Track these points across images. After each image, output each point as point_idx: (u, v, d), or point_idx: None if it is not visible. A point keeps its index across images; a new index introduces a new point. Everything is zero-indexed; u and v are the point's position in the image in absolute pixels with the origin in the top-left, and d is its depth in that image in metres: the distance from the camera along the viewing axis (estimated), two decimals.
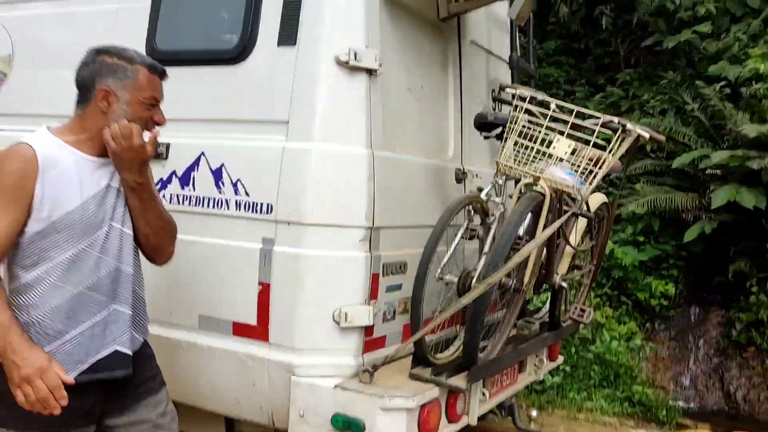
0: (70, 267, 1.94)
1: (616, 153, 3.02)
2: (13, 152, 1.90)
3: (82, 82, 2.00)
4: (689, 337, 6.30)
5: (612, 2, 7.97)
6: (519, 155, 3.05)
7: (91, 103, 1.98)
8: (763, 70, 6.43)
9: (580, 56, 8.35)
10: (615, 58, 8.03)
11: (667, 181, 6.74)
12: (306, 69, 2.87)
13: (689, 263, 6.59)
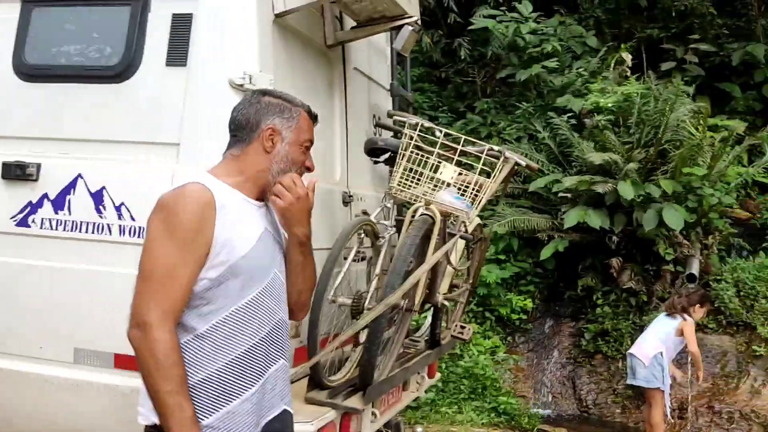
0: (245, 316, 1.80)
1: (497, 179, 3.23)
2: (190, 194, 1.74)
3: (245, 121, 1.89)
4: (545, 349, 6.77)
5: (469, 35, 8.46)
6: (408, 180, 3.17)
7: (253, 143, 1.88)
8: (602, 104, 7.13)
9: (442, 84, 8.78)
10: (473, 86, 8.52)
11: (524, 203, 7.24)
12: (198, 91, 2.81)
13: (544, 279, 7.10)
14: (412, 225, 3.00)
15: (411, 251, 2.88)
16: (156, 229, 1.73)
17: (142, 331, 1.67)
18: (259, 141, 1.88)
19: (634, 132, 6.97)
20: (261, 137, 1.88)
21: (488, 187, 3.18)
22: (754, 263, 6.69)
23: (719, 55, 9.02)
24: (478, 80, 8.45)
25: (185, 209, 1.72)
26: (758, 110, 9.11)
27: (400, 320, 3.27)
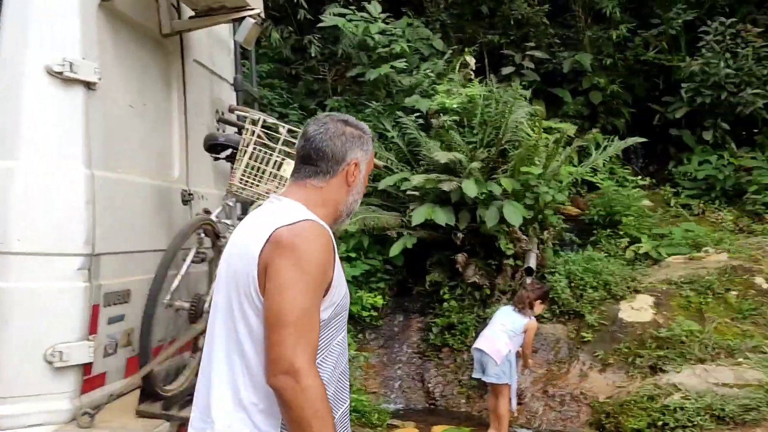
0: (338, 352, 1.80)
1: None
2: (316, 235, 1.72)
3: (331, 154, 1.84)
4: (395, 344, 6.89)
5: (320, 33, 8.43)
6: (250, 177, 3.06)
7: (337, 175, 1.85)
8: (448, 105, 7.38)
9: (292, 81, 8.68)
10: (324, 84, 8.50)
11: (374, 201, 7.32)
12: (9, 79, 2.54)
13: (394, 276, 7.23)
14: None
15: None
16: (290, 273, 1.67)
17: (293, 378, 1.62)
18: (343, 174, 1.87)
19: (478, 132, 7.27)
20: (345, 171, 1.87)
21: None
22: (583, 256, 7.21)
23: (552, 62, 9.68)
24: (329, 78, 8.44)
25: (315, 251, 1.70)
26: (586, 114, 9.89)
27: None
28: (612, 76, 9.96)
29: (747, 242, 7.51)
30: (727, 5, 9.96)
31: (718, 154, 9.32)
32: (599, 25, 10.18)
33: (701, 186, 9.21)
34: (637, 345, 6.20)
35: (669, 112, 9.91)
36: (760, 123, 9.42)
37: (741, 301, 6.44)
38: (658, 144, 10.45)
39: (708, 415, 5.11)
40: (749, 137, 9.58)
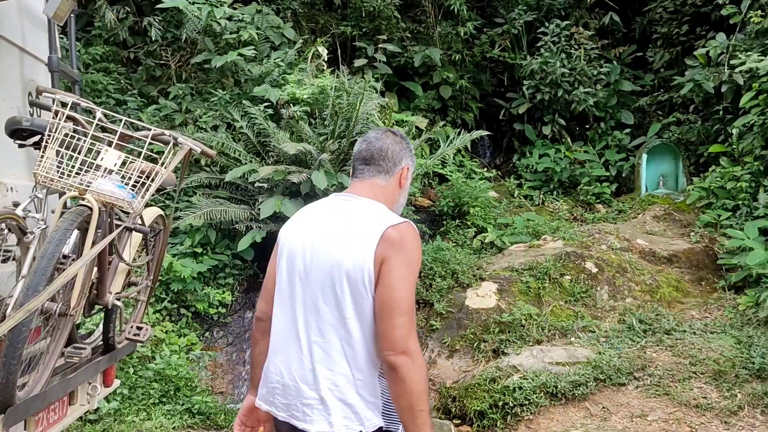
0: None
1: (169, 166, 2.99)
2: (415, 235, 2.08)
3: (391, 156, 2.20)
4: (245, 341, 6.68)
5: (161, 15, 7.98)
6: (63, 166, 2.78)
7: (394, 176, 2.21)
8: (299, 95, 7.26)
9: (132, 66, 8.15)
10: (166, 71, 8.06)
11: (222, 194, 7.05)
12: None
13: (244, 271, 7.00)
14: (62, 218, 2.63)
15: (59, 247, 2.51)
16: (403, 268, 1.99)
17: (410, 358, 1.95)
18: (398, 176, 2.23)
19: (329, 124, 7.21)
20: (400, 173, 2.24)
21: (158, 174, 2.94)
22: (433, 245, 7.39)
23: (404, 56, 9.83)
24: (172, 64, 8.01)
25: (417, 249, 2.09)
26: (437, 108, 10.16)
27: (54, 327, 2.87)
28: (461, 71, 10.30)
29: (580, 230, 8.05)
30: (562, 8, 10.62)
31: (556, 148, 9.93)
32: (448, 21, 10.48)
33: (541, 178, 9.77)
34: (481, 330, 6.44)
35: (513, 107, 10.44)
36: (591, 119, 10.14)
37: (574, 284, 6.88)
38: (504, 138, 10.99)
39: (543, 392, 5.40)
40: (582, 132, 10.29)
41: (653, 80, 10.41)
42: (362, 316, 2.01)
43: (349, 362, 2.01)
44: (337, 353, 2.01)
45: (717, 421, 5.05)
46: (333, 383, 2.01)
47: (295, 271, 2.13)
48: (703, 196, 8.06)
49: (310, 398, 2.02)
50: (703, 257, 7.52)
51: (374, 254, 1.98)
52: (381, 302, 1.97)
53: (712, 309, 6.70)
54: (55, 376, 2.97)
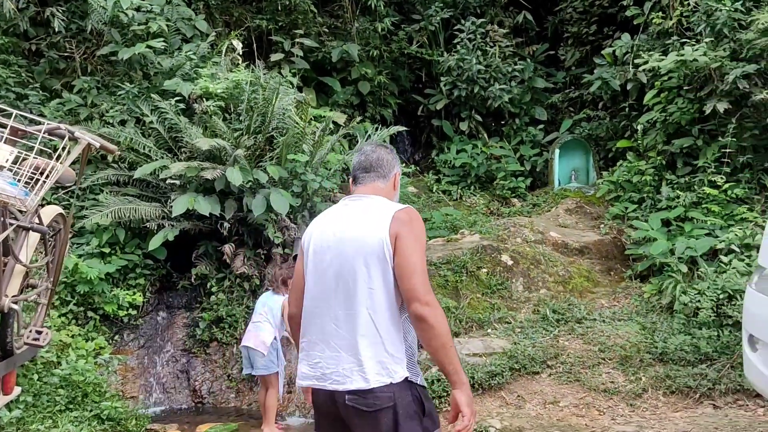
0: None
1: (65, 161, 2.85)
2: (418, 214, 2.59)
3: (387, 163, 2.73)
4: (158, 343, 6.48)
5: (65, 6, 7.60)
6: None
7: (390, 180, 2.73)
8: (212, 90, 7.08)
9: (33, 58, 7.72)
10: (71, 63, 7.68)
11: (131, 191, 6.80)
12: None
13: (156, 270, 6.78)
14: None
15: None
16: (413, 240, 2.47)
17: (432, 308, 2.39)
18: (392, 180, 2.73)
19: (244, 119, 7.06)
20: (394, 177, 2.74)
21: (53, 170, 2.79)
22: None
23: (322, 51, 9.77)
24: (77, 56, 7.63)
25: (422, 225, 2.57)
26: (356, 104, 10.15)
27: None
28: (379, 67, 10.33)
29: (496, 224, 8.23)
30: (478, 6, 10.83)
31: (473, 144, 10.12)
32: (366, 17, 10.49)
33: (459, 173, 9.94)
34: None
35: (431, 103, 10.56)
36: (506, 116, 10.39)
37: (490, 277, 7.04)
38: (422, 134, 11.11)
39: None
40: (498, 128, 10.53)
41: (565, 78, 10.77)
42: (386, 284, 2.45)
43: (376, 327, 2.44)
44: (365, 321, 2.45)
45: (623, 404, 5.28)
46: (365, 346, 2.43)
47: (324, 262, 2.55)
48: (612, 189, 8.40)
49: (349, 362, 2.44)
50: (612, 248, 7.84)
51: (389, 231, 2.45)
52: (400, 267, 2.42)
53: (620, 297, 7.00)
54: None
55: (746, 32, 7.09)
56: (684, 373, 5.39)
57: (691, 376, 5.36)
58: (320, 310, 2.55)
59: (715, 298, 5.82)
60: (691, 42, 7.64)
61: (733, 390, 5.22)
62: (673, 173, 7.82)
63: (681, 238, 6.79)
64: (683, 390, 5.31)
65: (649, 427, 4.86)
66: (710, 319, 5.77)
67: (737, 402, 5.16)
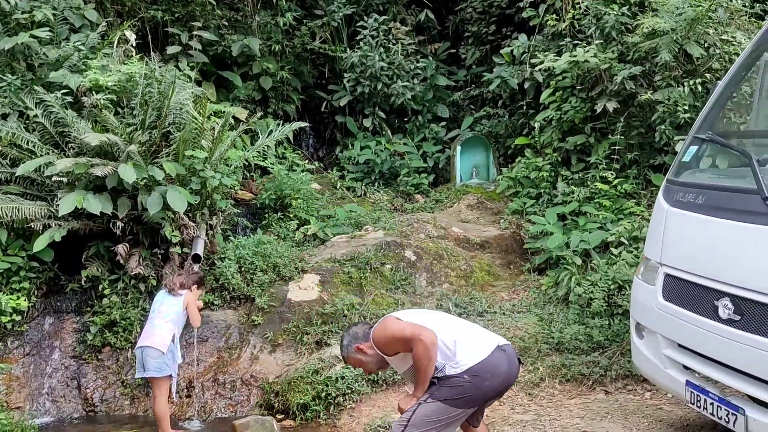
0: None
1: None
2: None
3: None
4: (45, 350, 6.11)
5: None
6: None
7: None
8: (103, 82, 6.73)
9: None
10: None
11: (13, 189, 6.36)
12: None
13: (42, 273, 6.38)
14: None
15: None
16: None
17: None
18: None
19: (138, 113, 6.76)
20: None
21: None
22: (254, 240, 7.22)
23: (221, 45, 9.51)
24: None
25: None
26: (258, 99, 9.95)
27: None
28: (282, 62, 10.17)
29: (400, 220, 8.29)
30: (380, 4, 10.87)
31: (377, 140, 10.15)
32: (267, 11, 10.30)
33: (363, 169, 9.94)
34: (304, 323, 6.41)
35: (335, 99, 10.51)
36: (409, 112, 10.49)
37: (394, 273, 7.08)
38: (326, 130, 11.03)
39: (364, 381, 5.49)
40: (401, 125, 10.61)
41: (466, 76, 10.99)
42: None
43: None
44: None
45: (522, 394, 5.45)
46: None
47: None
48: (511, 185, 8.65)
49: None
50: (511, 242, 8.07)
51: None
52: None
53: (519, 290, 7.22)
54: None
55: (632, 35, 7.46)
56: (578, 362, 5.62)
57: (585, 364, 5.59)
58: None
59: (606, 288, 6.10)
60: (582, 44, 7.97)
61: (623, 376, 5.48)
62: (568, 169, 8.13)
63: (575, 232, 7.08)
64: (578, 378, 5.53)
65: (546, 415, 5.03)
66: (602, 309, 6.05)
67: (626, 387, 5.43)
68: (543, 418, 4.97)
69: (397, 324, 3.70)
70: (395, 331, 3.66)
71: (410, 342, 3.56)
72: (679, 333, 3.95)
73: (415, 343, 3.54)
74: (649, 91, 7.27)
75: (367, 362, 3.82)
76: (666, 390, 4.51)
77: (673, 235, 4.12)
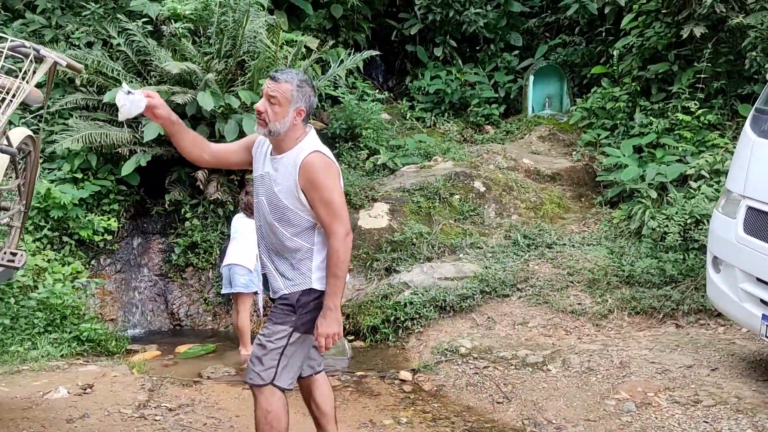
0: None
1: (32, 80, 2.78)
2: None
3: None
4: (134, 268, 6.51)
5: None
6: None
7: None
8: (180, 11, 6.86)
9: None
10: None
11: (101, 116, 6.66)
12: None
13: (129, 196, 6.74)
14: None
15: None
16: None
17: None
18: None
19: (214, 42, 6.89)
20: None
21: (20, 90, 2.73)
22: None
23: None
24: None
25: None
26: (329, 28, 9.91)
27: None
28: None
29: (469, 150, 8.26)
30: None
31: (447, 70, 10.01)
32: None
33: (433, 100, 9.87)
34: (374, 250, 6.58)
35: (405, 28, 10.35)
36: (481, 41, 10.26)
37: (463, 203, 7.12)
38: (396, 59, 10.93)
39: (432, 306, 5.64)
40: (473, 54, 10.40)
41: (541, 1, 10.59)
42: None
43: None
44: None
45: (590, 324, 5.48)
46: None
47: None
48: (585, 116, 8.44)
49: None
50: (583, 175, 7.95)
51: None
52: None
53: (590, 223, 7.15)
54: None
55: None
56: (649, 295, 5.58)
57: (655, 297, 5.55)
58: None
59: (682, 222, 5.97)
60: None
61: (696, 310, 5.43)
62: (647, 99, 7.85)
63: (652, 165, 6.90)
64: (647, 311, 5.51)
65: (614, 346, 5.07)
66: (677, 243, 5.94)
67: (699, 321, 5.39)
68: (610, 348, 5.01)
69: (333, 177, 2.80)
70: (326, 184, 2.75)
71: (330, 216, 2.76)
72: (758, 266, 3.88)
73: (338, 225, 2.76)
74: (740, 15, 6.86)
75: (280, 117, 2.76)
76: (741, 324, 4.46)
77: (758, 167, 3.99)
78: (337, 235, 2.76)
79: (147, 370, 4.75)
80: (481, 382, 4.57)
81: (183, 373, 4.90)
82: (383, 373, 4.91)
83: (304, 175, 2.76)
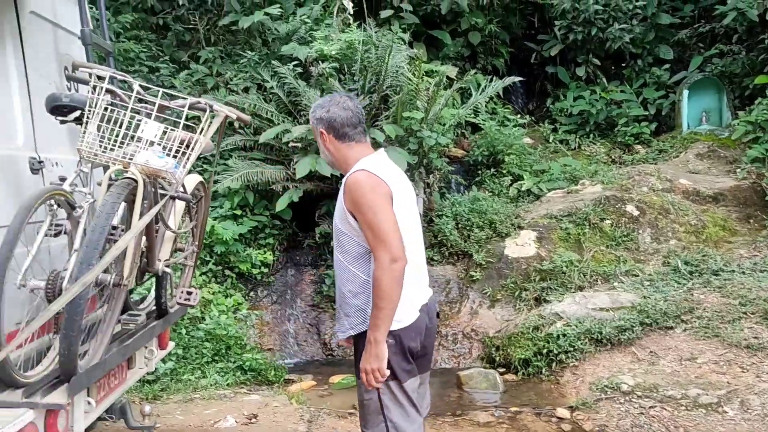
0: None
1: (207, 133, 3.01)
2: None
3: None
4: (288, 299, 6.80)
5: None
6: (104, 140, 2.81)
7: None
8: (327, 51, 7.17)
9: (160, 32, 8.14)
10: (195, 35, 8.03)
11: (257, 156, 7.08)
12: None
13: (283, 230, 7.08)
14: (109, 191, 2.67)
15: (108, 220, 2.56)
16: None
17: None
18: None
19: (358, 79, 7.14)
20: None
21: (197, 142, 2.96)
22: (469, 197, 7.34)
23: (431, 4, 9.61)
24: (200, 28, 7.96)
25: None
26: (467, 56, 9.96)
27: (109, 297, 2.95)
28: (489, 15, 10.05)
29: (618, 173, 7.91)
30: None
31: (591, 89, 9.70)
32: None
33: (577, 121, 9.58)
34: (522, 279, 6.44)
35: (545, 50, 10.18)
36: (627, 57, 9.84)
37: (614, 229, 6.81)
38: (536, 82, 10.75)
39: (587, 339, 5.41)
40: (618, 71, 10.00)
41: (693, 11, 10.00)
42: None
43: None
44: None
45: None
46: None
47: (414, 214, 2.73)
48: (750, 130, 7.81)
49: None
50: (750, 194, 7.35)
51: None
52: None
53: (762, 247, 6.57)
54: (114, 343, 3.07)
55: None
56: None
57: None
58: (421, 259, 2.77)
59: None
60: None
61: None
62: None
63: None
64: None
65: None
66: None
67: None
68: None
69: (379, 197, 2.54)
70: (369, 205, 2.52)
71: (375, 240, 2.49)
72: None
73: (382, 251, 2.47)
74: None
75: (321, 148, 2.81)
76: None
77: None
78: (380, 262, 2.47)
79: (304, 401, 4.92)
80: (648, 423, 4.30)
81: (338, 404, 5.02)
82: (539, 410, 4.75)
83: (348, 196, 2.58)
